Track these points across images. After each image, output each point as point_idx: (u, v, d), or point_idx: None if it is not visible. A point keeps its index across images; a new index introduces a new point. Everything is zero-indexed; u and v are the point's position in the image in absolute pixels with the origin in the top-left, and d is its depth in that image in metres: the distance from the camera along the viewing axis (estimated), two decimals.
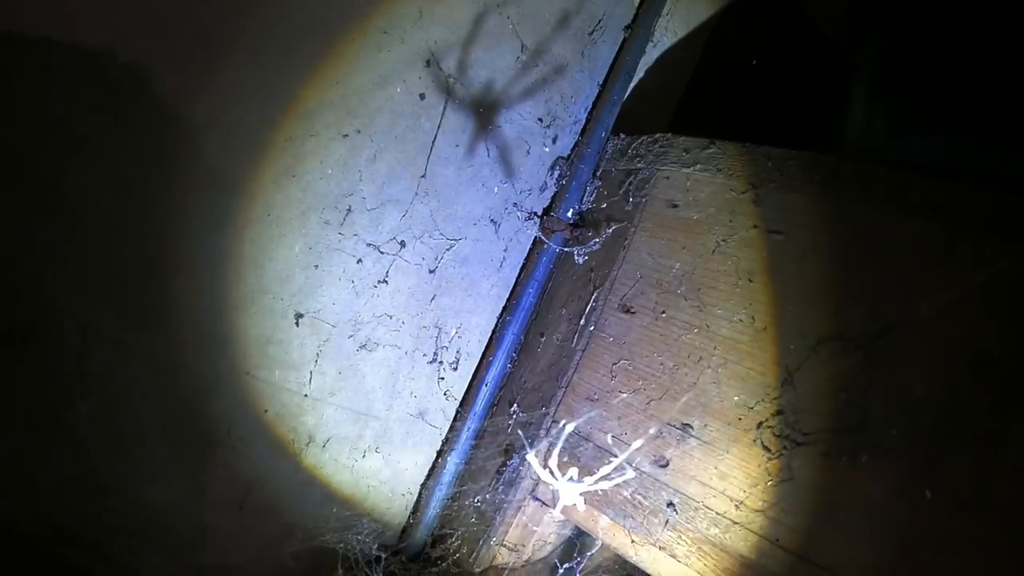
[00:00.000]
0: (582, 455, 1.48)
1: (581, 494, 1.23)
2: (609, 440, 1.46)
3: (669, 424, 1.38)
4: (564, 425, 1.34)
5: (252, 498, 1.37)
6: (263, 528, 1.41)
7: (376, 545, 1.57)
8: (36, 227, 1.01)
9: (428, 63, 1.39)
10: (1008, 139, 1.27)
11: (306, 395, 1.40)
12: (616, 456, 1.27)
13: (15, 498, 1.10)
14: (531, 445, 1.47)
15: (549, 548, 1.68)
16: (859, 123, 1.43)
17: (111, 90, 1.01)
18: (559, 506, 1.26)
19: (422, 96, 1.41)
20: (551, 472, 1.23)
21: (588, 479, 1.19)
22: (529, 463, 1.32)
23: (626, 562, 1.61)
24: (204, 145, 1.13)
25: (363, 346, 1.47)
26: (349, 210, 1.36)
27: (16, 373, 1.03)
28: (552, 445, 1.35)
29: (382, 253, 1.44)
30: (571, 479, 1.23)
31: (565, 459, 1.48)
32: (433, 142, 1.46)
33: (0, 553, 1.11)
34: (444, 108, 1.45)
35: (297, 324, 1.34)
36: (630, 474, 1.26)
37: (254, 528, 1.40)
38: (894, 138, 1.37)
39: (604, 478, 1.18)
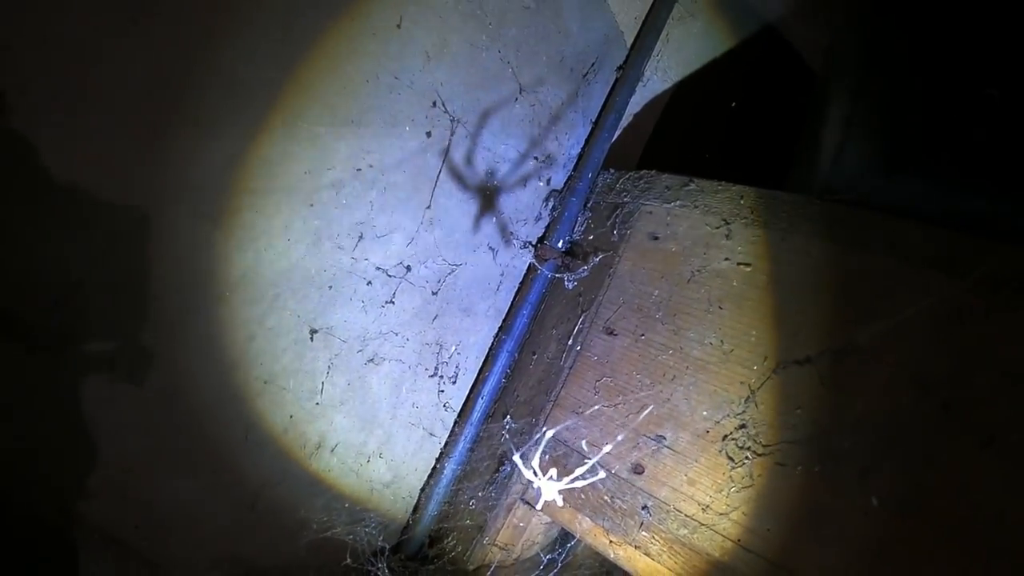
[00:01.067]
0: (564, 459, 1.70)
1: (560, 491, 1.45)
2: (585, 446, 1.68)
3: (645, 435, 1.60)
4: (546, 431, 1.55)
5: (265, 496, 1.55)
6: (276, 522, 1.59)
7: (381, 537, 1.76)
8: (76, 243, 1.15)
9: (434, 104, 1.60)
10: (957, 183, 1.48)
11: (317, 403, 1.59)
12: (591, 459, 1.48)
13: (45, 490, 1.22)
14: (518, 449, 1.68)
15: (537, 548, 1.90)
16: (827, 166, 1.65)
17: (147, 122, 1.17)
18: (541, 502, 1.47)
19: (428, 134, 1.62)
20: (534, 472, 1.44)
21: (566, 478, 1.41)
22: (518, 467, 1.51)
23: (605, 560, 1.81)
24: (231, 177, 1.31)
25: (371, 360, 1.68)
26: (361, 237, 1.56)
27: (54, 376, 1.18)
28: (535, 448, 1.55)
29: (390, 276, 1.65)
30: (551, 478, 1.44)
31: (547, 459, 1.71)
32: (438, 176, 1.67)
33: (27, 541, 1.22)
34: (448, 145, 1.67)
35: (311, 339, 1.54)
36: (601, 474, 1.48)
37: (268, 522, 1.58)
38: (856, 180, 1.58)
39: (579, 477, 1.39)
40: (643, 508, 1.56)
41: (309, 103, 1.39)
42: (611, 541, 1.59)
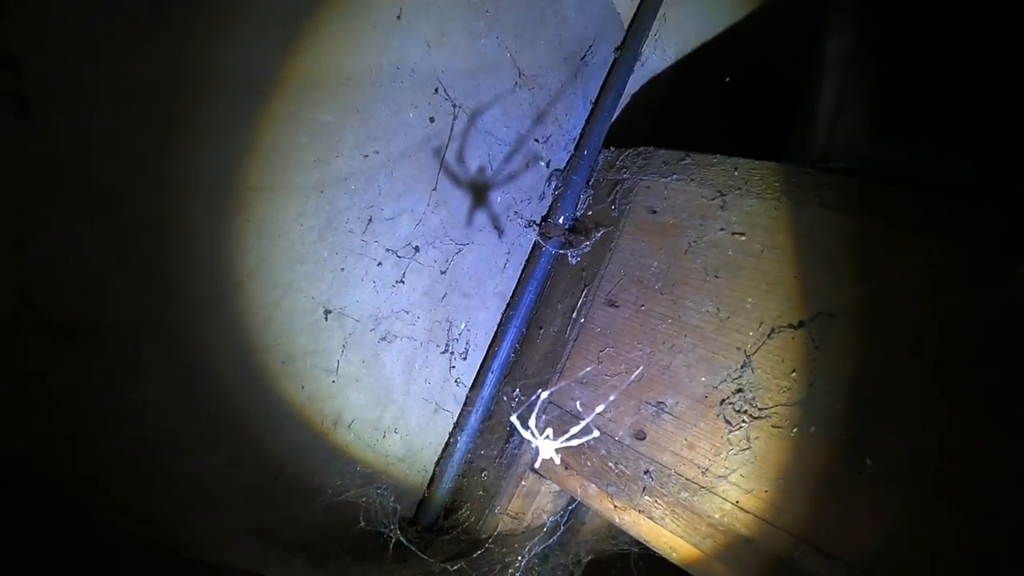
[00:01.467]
0: (561, 420, 1.80)
1: (556, 450, 1.53)
2: (579, 407, 1.78)
3: (646, 402, 1.68)
4: (541, 392, 1.63)
5: (286, 471, 1.65)
6: (297, 496, 1.69)
7: (392, 498, 1.86)
8: (100, 234, 1.22)
9: (436, 90, 1.69)
10: (943, 148, 1.53)
11: (334, 381, 1.69)
12: (588, 421, 1.56)
13: (74, 471, 1.30)
14: (516, 411, 1.78)
15: (546, 516, 1.98)
16: (823, 137, 1.70)
17: (164, 119, 1.25)
18: (538, 460, 1.55)
19: (432, 119, 1.70)
20: (532, 432, 1.53)
21: (562, 437, 1.49)
22: (515, 427, 1.59)
23: (611, 526, 1.89)
24: (244, 168, 1.40)
25: (383, 338, 1.77)
26: (370, 220, 1.65)
27: (81, 363, 1.26)
28: (532, 410, 1.63)
29: (399, 257, 1.74)
30: (548, 437, 1.52)
31: (544, 420, 1.81)
32: (442, 159, 1.75)
33: (56, 520, 1.29)
34: (451, 129, 1.75)
35: (326, 319, 1.63)
36: (595, 433, 1.56)
37: (289, 496, 1.67)
38: (849, 149, 1.63)
39: (574, 436, 1.47)
40: (645, 473, 1.64)
41: (316, 95, 1.48)
42: (615, 506, 1.68)
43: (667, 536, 1.58)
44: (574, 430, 1.45)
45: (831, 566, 1.36)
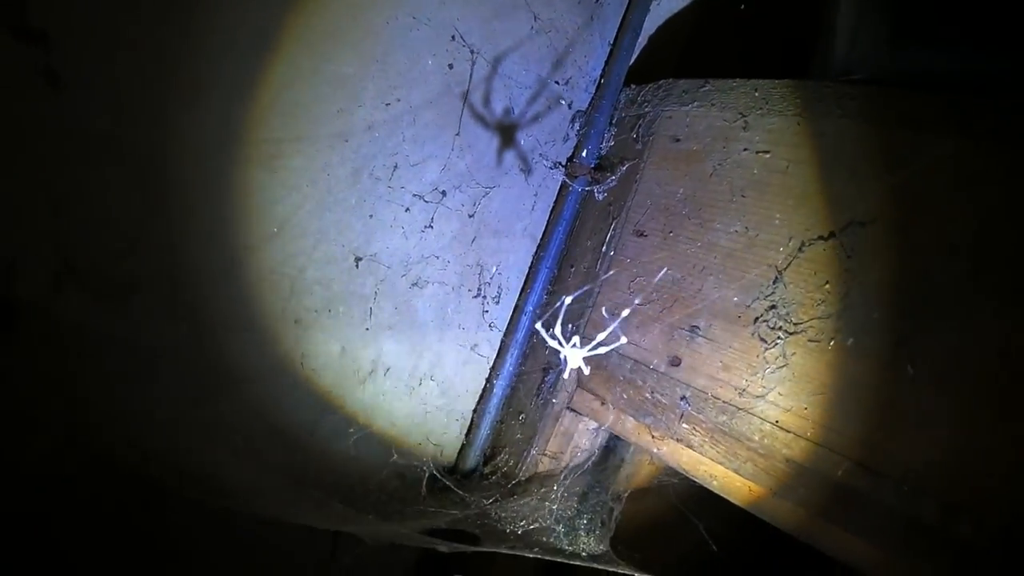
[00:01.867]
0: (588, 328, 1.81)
1: (584, 359, 1.53)
2: (604, 313, 1.77)
3: (679, 327, 1.67)
4: (565, 299, 1.63)
5: (324, 421, 1.69)
6: (334, 446, 1.73)
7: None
8: (134, 198, 1.28)
9: (453, 38, 1.71)
10: (962, 48, 1.50)
11: (367, 328, 1.72)
12: (617, 333, 1.56)
13: (113, 429, 1.34)
14: (540, 319, 1.79)
15: (584, 455, 1.98)
16: (843, 51, 1.68)
17: (189, 82, 1.31)
18: (567, 371, 1.55)
19: (451, 66, 1.73)
20: (558, 341, 1.53)
21: (588, 346, 1.49)
22: (540, 335, 1.59)
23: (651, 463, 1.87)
24: (270, 122, 1.44)
25: (415, 284, 1.80)
26: (396, 166, 1.68)
27: (120, 321, 1.31)
28: (556, 318, 1.63)
29: (426, 202, 1.77)
30: (575, 345, 1.52)
31: (569, 329, 1.82)
32: (464, 105, 1.78)
33: (98, 477, 1.34)
34: (470, 75, 1.77)
35: (357, 266, 1.66)
36: (623, 340, 1.55)
37: (326, 446, 1.71)
38: (869, 59, 1.61)
39: (601, 343, 1.47)
40: (682, 399, 1.63)
41: (335, 47, 1.52)
42: (654, 437, 1.67)
43: (707, 463, 1.56)
44: (601, 336, 1.45)
45: (878, 483, 1.32)
